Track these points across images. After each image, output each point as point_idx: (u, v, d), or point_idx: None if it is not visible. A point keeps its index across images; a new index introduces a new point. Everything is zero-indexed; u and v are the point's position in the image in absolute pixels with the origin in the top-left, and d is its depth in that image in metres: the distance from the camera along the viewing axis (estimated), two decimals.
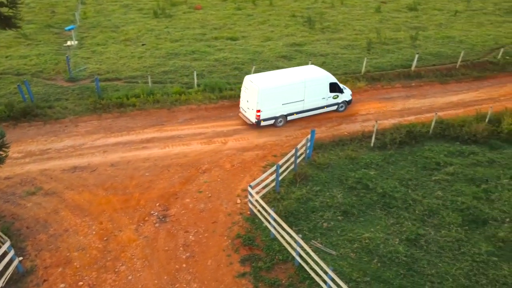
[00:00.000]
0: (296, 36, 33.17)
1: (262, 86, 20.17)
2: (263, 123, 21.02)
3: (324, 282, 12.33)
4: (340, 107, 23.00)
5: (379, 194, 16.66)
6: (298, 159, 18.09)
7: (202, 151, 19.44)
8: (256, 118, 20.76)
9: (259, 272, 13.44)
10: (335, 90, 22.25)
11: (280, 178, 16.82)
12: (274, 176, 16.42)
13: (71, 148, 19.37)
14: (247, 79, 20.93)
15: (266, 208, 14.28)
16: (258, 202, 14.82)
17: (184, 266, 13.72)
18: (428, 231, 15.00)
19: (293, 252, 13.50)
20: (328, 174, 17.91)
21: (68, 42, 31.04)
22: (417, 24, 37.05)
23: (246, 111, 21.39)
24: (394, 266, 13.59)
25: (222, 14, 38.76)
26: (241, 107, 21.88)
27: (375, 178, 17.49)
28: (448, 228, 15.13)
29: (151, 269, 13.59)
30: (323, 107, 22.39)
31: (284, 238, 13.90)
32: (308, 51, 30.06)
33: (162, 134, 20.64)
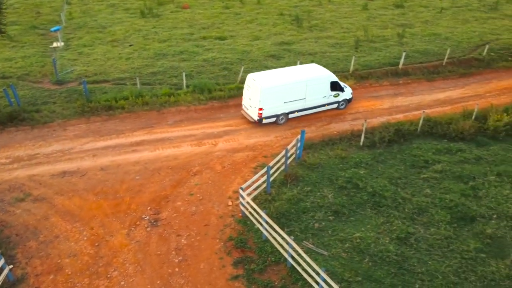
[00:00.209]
0: (284, 35, 33.21)
1: (265, 84, 20.48)
2: (265, 121, 21.35)
3: (317, 283, 12.45)
4: (340, 105, 23.40)
5: (369, 193, 16.84)
6: (289, 160, 18.18)
7: (193, 153, 19.41)
8: (258, 116, 21.06)
9: (252, 274, 13.52)
10: (336, 88, 22.64)
11: (271, 179, 16.90)
12: (265, 178, 16.49)
13: (60, 152, 19.18)
14: (250, 77, 21.22)
15: (257, 210, 14.35)
16: (250, 204, 14.88)
17: (177, 270, 13.73)
18: (418, 229, 15.23)
19: (285, 254, 13.60)
20: (318, 174, 18.03)
21: (54, 44, 30.65)
22: (403, 21, 37.35)
23: (248, 109, 21.70)
24: (385, 265, 13.77)
25: (209, 13, 38.60)
26: (243, 105, 22.21)
27: (365, 177, 17.66)
28: (437, 226, 15.38)
29: (144, 274, 13.58)
30: (324, 105, 22.76)
31: (276, 240, 13.99)
32: (297, 50, 30.13)
33: (152, 137, 20.56)
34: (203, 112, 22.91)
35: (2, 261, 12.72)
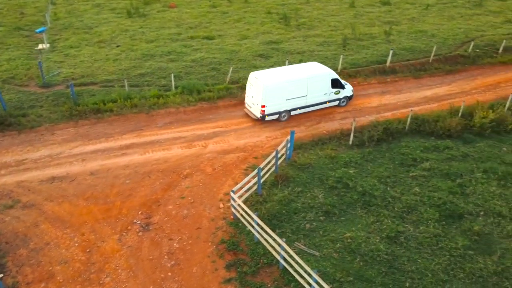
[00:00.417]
0: (272, 34, 33.23)
1: (267, 82, 20.95)
2: (267, 118, 21.76)
3: (309, 284, 12.58)
4: (341, 102, 23.81)
5: (359, 192, 17.02)
6: (279, 161, 18.26)
7: (183, 156, 19.38)
8: (261, 113, 21.44)
9: (245, 277, 13.60)
10: (336, 86, 23.08)
11: (262, 180, 16.97)
12: (256, 179, 16.55)
13: (48, 157, 18.99)
14: (252, 75, 21.64)
15: (249, 213, 14.41)
16: (241, 206, 14.94)
17: (169, 274, 13.74)
18: (407, 227, 15.46)
19: (277, 256, 13.70)
20: (308, 174, 18.15)
21: (39, 46, 30.21)
22: (390, 18, 37.64)
23: (251, 107, 22.12)
24: (376, 265, 13.97)
25: (197, 12, 38.42)
26: (246, 103, 22.66)
27: (355, 177, 17.84)
28: (426, 224, 15.62)
29: (136, 279, 13.56)
30: (325, 102, 23.17)
31: (268, 242, 14.08)
32: (285, 49, 30.18)
33: (142, 140, 20.46)
34: (192, 114, 22.86)
35: None
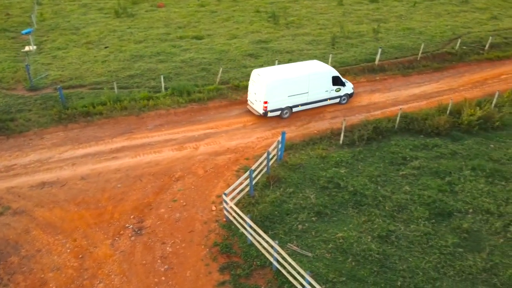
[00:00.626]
0: (261, 33, 33.24)
1: (269, 79, 21.42)
2: (270, 114, 22.21)
3: (302, 285, 12.69)
4: (342, 100, 24.23)
5: (350, 192, 17.17)
6: (270, 162, 18.33)
7: (174, 158, 19.35)
8: (263, 109, 21.84)
9: (239, 279, 13.65)
10: (337, 83, 23.49)
11: (253, 182, 17.03)
12: (248, 181, 16.60)
13: (38, 162, 18.82)
14: (255, 72, 22.07)
15: (241, 216, 14.47)
16: (233, 209, 14.98)
17: (163, 279, 13.75)
18: (398, 226, 15.65)
19: (270, 258, 13.79)
20: (300, 174, 18.26)
21: (26, 47, 29.85)
22: (378, 16, 37.89)
23: (254, 103, 22.56)
24: (368, 264, 14.13)
25: (185, 11, 38.25)
26: (248, 100, 23.11)
27: (346, 177, 17.99)
28: (416, 222, 15.82)
29: (130, 284, 13.55)
30: (326, 100, 23.62)
31: (260, 244, 14.16)
32: (274, 48, 30.22)
33: (132, 143, 20.37)
34: (183, 115, 22.81)
35: None
